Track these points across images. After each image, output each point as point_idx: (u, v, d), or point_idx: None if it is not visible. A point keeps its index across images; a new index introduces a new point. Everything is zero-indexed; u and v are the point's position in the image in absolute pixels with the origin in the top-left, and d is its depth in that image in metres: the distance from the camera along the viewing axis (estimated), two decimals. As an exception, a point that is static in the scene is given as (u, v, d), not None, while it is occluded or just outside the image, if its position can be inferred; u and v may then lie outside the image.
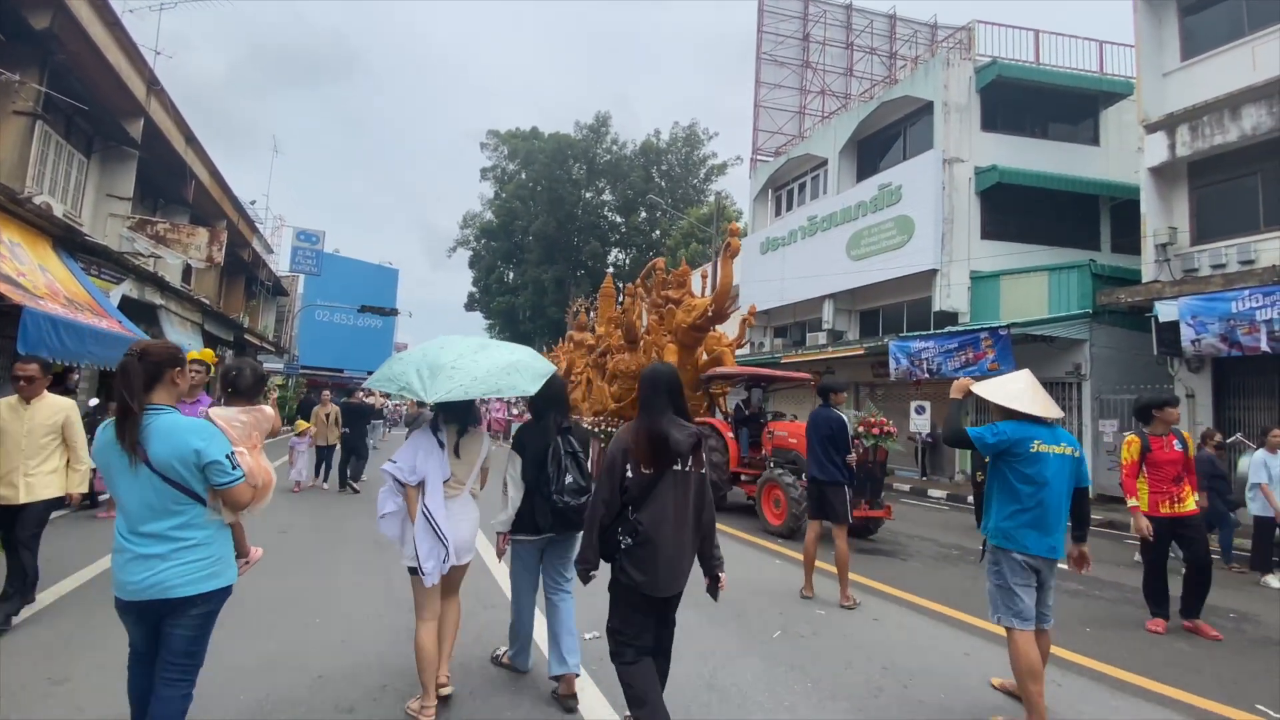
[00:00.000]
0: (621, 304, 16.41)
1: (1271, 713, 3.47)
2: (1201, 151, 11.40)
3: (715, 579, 2.84)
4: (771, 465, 8.65)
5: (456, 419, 3.25)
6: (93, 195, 12.95)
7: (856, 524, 7.65)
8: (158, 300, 13.65)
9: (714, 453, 9.69)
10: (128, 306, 11.60)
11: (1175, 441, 4.90)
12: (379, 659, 3.63)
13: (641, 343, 13.13)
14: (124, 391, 2.19)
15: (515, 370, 3.16)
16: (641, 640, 2.71)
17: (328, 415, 10.67)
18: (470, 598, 4.79)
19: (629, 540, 2.65)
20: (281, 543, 6.35)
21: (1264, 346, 9.28)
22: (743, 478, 9.63)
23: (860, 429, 7.40)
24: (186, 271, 18.00)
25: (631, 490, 2.68)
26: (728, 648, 4.06)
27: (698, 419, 11.25)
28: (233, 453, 2.33)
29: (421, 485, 3.03)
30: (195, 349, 15.16)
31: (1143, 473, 4.93)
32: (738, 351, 13.10)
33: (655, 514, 2.65)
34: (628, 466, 2.70)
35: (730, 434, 9.92)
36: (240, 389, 2.93)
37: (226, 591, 2.36)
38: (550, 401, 3.44)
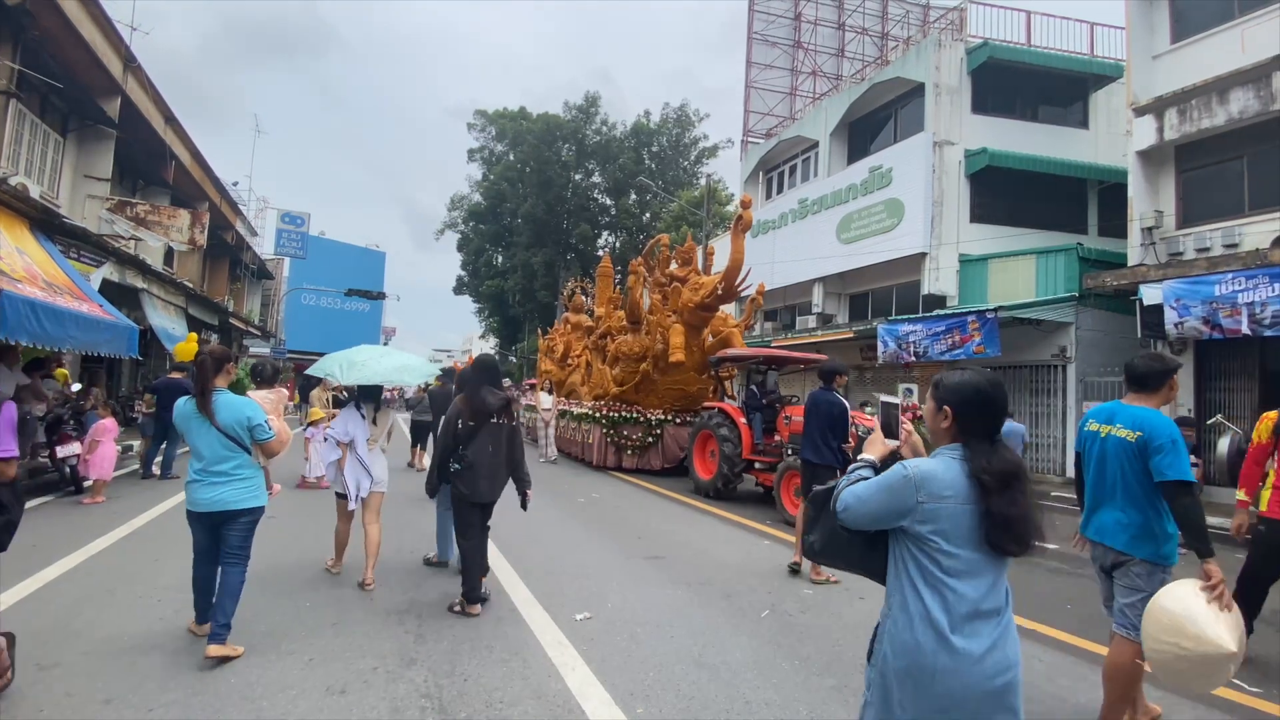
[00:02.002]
0: (625, 283, 15.93)
1: (1247, 686, 3.57)
2: (1189, 135, 11.44)
3: (524, 495, 4.37)
4: (789, 452, 8.07)
5: (372, 401, 4.93)
6: (70, 176, 12.69)
7: None
8: (139, 284, 13.45)
9: (725, 444, 9.20)
10: (108, 290, 11.42)
11: None
12: (370, 641, 3.65)
13: (645, 323, 12.50)
14: (201, 378, 3.44)
15: (406, 370, 4.84)
16: (474, 528, 4.24)
17: (330, 399, 9.89)
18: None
19: (457, 466, 4.15)
20: (271, 527, 6.31)
21: (1245, 329, 9.40)
22: (757, 465, 9.14)
23: None
24: (169, 254, 17.72)
25: (461, 436, 4.17)
26: (717, 626, 4.10)
27: (706, 403, 10.85)
28: (268, 419, 3.55)
29: (352, 442, 4.63)
30: (180, 332, 15.01)
31: (1275, 461, 3.86)
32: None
33: (476, 450, 4.15)
34: (459, 422, 4.20)
35: (742, 419, 9.37)
36: (265, 378, 5.12)
37: (262, 509, 3.59)
38: (462, 386, 4.78)
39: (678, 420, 11.97)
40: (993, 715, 1.62)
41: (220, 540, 3.46)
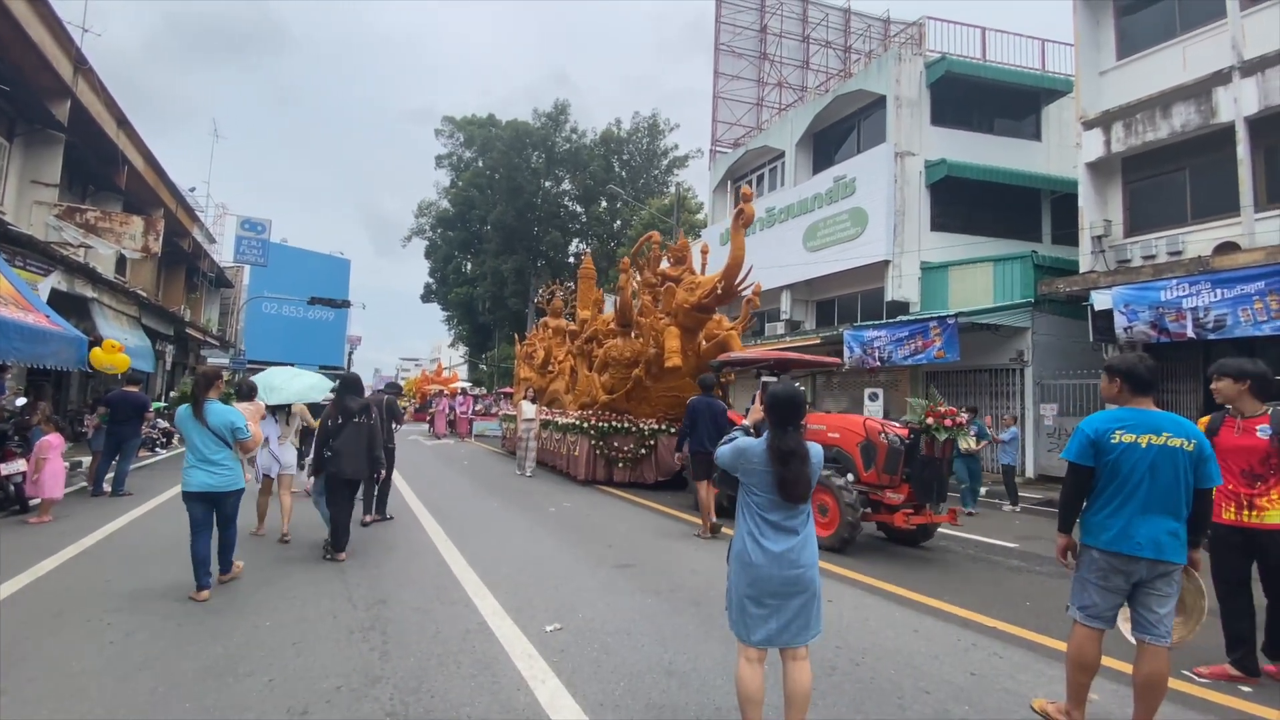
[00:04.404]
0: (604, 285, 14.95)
1: (1198, 678, 3.70)
2: (1135, 147, 11.95)
3: (375, 474, 6.45)
4: None
5: (284, 410, 6.59)
6: (16, 182, 12.20)
7: (915, 530, 6.75)
8: (89, 293, 12.98)
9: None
10: (56, 299, 10.99)
11: (1260, 426, 3.64)
12: (332, 659, 3.56)
13: (636, 326, 11.63)
14: (195, 393, 4.70)
15: (312, 389, 6.80)
16: (342, 499, 5.71)
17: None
18: (433, 595, 4.75)
19: (329, 452, 5.67)
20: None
21: (1190, 333, 9.84)
22: None
23: (929, 421, 6.25)
24: (121, 263, 17.13)
25: (332, 430, 5.71)
26: (687, 634, 4.11)
27: None
28: (246, 424, 4.80)
29: (266, 439, 6.15)
30: (132, 343, 14.47)
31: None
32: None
33: (343, 441, 5.69)
34: (329, 421, 5.76)
35: None
36: (244, 394, 6.32)
37: (243, 489, 4.82)
38: (343, 389, 6.09)
39: (672, 430, 11.03)
40: (791, 594, 2.61)
41: (215, 513, 4.65)
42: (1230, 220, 10.70)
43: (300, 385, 6.62)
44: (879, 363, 14.32)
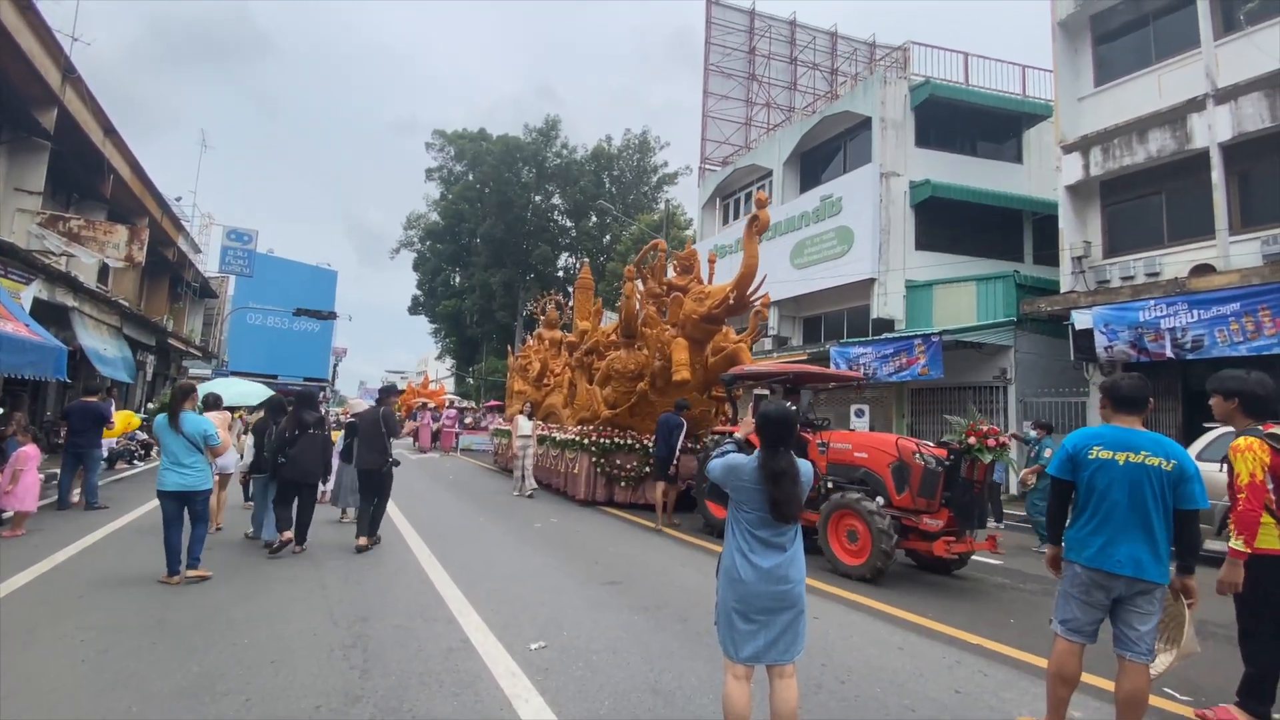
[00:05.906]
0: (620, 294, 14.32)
1: (1179, 695, 3.73)
2: (1112, 171, 12.24)
3: (325, 479, 7.15)
4: (828, 485, 6.84)
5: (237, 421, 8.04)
6: (-2, 189, 12.05)
7: (951, 558, 6.32)
8: (70, 302, 12.80)
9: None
10: (36, 308, 10.82)
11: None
12: (311, 678, 3.50)
13: (640, 337, 11.11)
14: (173, 404, 5.34)
15: (248, 395, 8.91)
16: (286, 500, 6.28)
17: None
18: (416, 613, 4.69)
19: (283, 459, 6.25)
20: (206, 559, 6.02)
21: (1168, 353, 10.02)
22: None
23: (970, 440, 5.92)
24: (104, 272, 16.93)
25: (289, 439, 6.28)
26: (672, 651, 4.09)
27: (715, 429, 9.64)
28: (217, 431, 5.42)
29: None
30: (112, 354, 14.27)
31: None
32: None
33: (298, 450, 6.28)
34: (286, 432, 6.31)
35: None
36: (209, 406, 6.98)
37: (210, 489, 5.52)
38: (300, 403, 6.64)
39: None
40: (779, 610, 2.63)
41: (188, 509, 5.21)
42: (1206, 243, 10.95)
43: (236, 391, 8.73)
44: (865, 379, 14.42)
